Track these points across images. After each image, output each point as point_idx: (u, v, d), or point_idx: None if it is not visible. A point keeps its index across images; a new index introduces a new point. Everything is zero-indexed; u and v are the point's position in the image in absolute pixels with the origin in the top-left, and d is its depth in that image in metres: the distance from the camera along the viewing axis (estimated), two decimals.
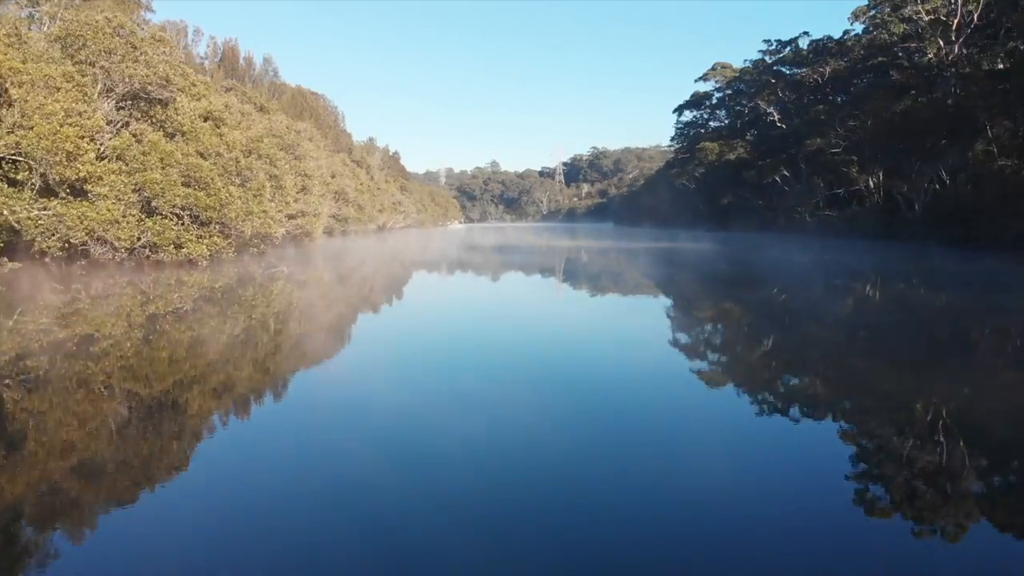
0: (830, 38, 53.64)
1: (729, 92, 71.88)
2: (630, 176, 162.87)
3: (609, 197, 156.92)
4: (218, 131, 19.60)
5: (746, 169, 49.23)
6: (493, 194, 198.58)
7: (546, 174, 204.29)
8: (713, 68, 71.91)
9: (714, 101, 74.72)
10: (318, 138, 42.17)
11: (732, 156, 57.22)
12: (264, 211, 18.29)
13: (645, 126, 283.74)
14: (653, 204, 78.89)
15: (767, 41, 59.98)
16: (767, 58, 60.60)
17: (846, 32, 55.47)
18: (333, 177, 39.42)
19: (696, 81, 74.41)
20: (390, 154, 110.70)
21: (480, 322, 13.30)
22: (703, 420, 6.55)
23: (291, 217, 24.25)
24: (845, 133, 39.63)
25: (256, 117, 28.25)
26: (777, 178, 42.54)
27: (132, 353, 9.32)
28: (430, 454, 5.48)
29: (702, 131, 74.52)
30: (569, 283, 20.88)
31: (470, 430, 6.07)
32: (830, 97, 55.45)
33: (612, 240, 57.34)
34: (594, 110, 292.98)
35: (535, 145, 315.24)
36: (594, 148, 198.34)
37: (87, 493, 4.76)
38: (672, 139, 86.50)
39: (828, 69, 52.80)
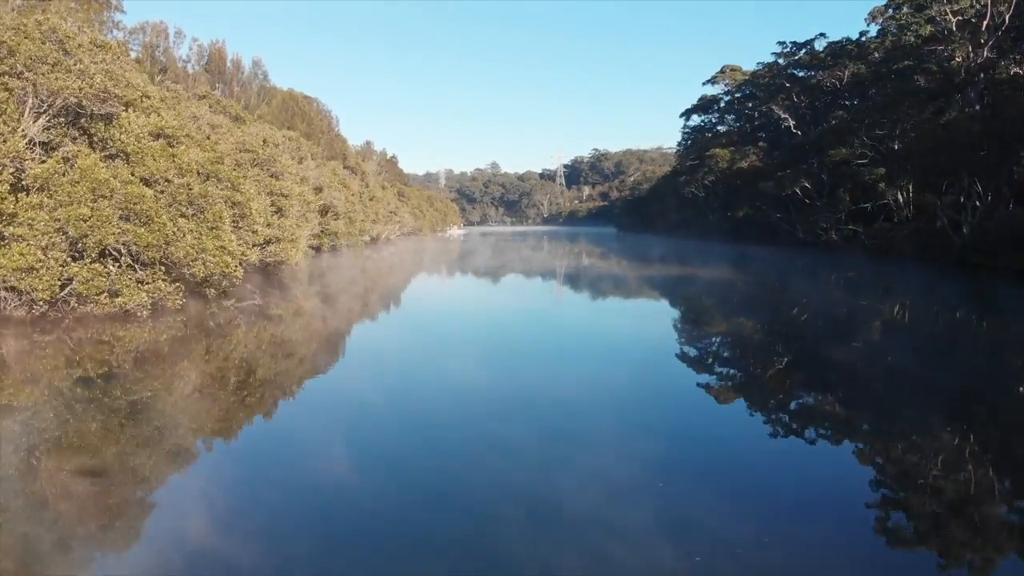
0: (849, 39, 50.89)
1: (738, 96, 69.16)
2: (631, 178, 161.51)
3: (611, 200, 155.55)
4: (171, 151, 16.77)
5: (763, 179, 46.38)
6: (493, 196, 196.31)
7: (547, 176, 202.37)
8: (722, 71, 69.16)
9: (722, 105, 71.98)
10: (305, 148, 39.35)
11: (744, 164, 54.42)
12: (221, 247, 15.45)
13: (647, 127, 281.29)
14: (660, 211, 76.02)
15: (781, 43, 57.22)
16: (780, 60, 57.81)
17: (863, 34, 52.78)
18: (320, 191, 36.58)
19: (704, 84, 71.67)
20: (388, 158, 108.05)
21: (465, 354, 12.78)
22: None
23: (264, 244, 21.46)
24: (872, 143, 36.78)
25: (228, 128, 25.42)
26: (797, 190, 39.68)
27: (56, 425, 8.35)
28: None
29: (709, 135, 71.77)
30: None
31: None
32: (845, 102, 52.64)
33: (617, 253, 54.55)
34: (595, 111, 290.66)
35: (535, 146, 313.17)
36: (595, 150, 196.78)
37: None
38: (679, 144, 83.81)
39: (847, 73, 49.98)
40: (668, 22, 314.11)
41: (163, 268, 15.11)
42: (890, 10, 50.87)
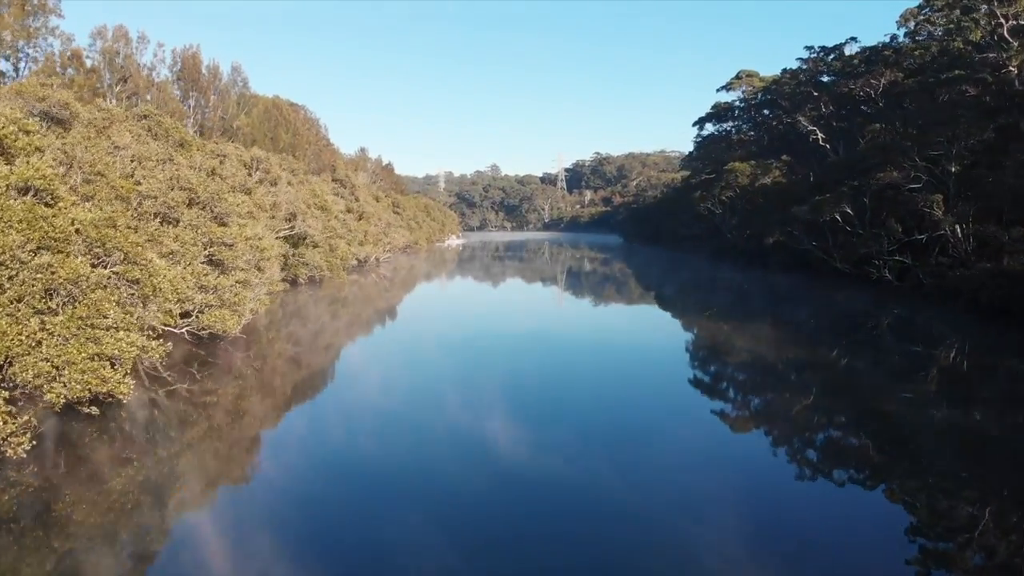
0: (886, 44, 46.21)
1: (755, 103, 64.50)
2: (634, 183, 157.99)
3: (613, 206, 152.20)
4: (43, 212, 12.06)
5: (788, 197, 41.66)
6: (493, 201, 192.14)
7: (548, 180, 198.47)
8: (738, 77, 64.52)
9: (737, 113, 67.34)
10: (276, 168, 34.63)
11: (767, 180, 49.69)
12: (96, 354, 10.74)
13: (649, 130, 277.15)
14: (670, 225, 71.21)
15: (809, 48, 52.46)
16: (806, 66, 53.09)
17: (893, 37, 48.21)
18: (293, 219, 31.88)
19: (718, 91, 66.86)
20: (383, 165, 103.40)
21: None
22: None
23: (200, 309, 16.80)
24: (925, 164, 32.00)
25: (166, 157, 20.73)
26: (838, 216, 34.92)
27: None
28: None
29: (724, 146, 67.06)
30: None
31: None
32: (865, 108, 47.89)
33: (623, 278, 49.92)
34: (596, 113, 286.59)
35: (536, 148, 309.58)
36: (596, 153, 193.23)
37: None
38: (691, 154, 79.18)
39: (883, 81, 45.26)
40: (669, 23, 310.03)
41: (6, 393, 10.39)
42: (924, 11, 46.25)
